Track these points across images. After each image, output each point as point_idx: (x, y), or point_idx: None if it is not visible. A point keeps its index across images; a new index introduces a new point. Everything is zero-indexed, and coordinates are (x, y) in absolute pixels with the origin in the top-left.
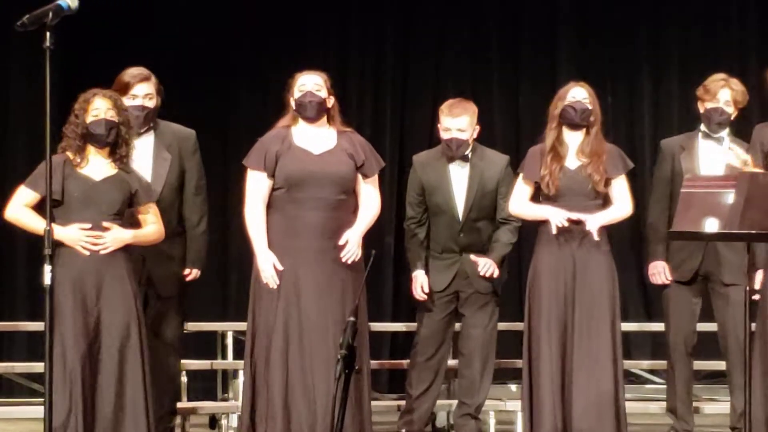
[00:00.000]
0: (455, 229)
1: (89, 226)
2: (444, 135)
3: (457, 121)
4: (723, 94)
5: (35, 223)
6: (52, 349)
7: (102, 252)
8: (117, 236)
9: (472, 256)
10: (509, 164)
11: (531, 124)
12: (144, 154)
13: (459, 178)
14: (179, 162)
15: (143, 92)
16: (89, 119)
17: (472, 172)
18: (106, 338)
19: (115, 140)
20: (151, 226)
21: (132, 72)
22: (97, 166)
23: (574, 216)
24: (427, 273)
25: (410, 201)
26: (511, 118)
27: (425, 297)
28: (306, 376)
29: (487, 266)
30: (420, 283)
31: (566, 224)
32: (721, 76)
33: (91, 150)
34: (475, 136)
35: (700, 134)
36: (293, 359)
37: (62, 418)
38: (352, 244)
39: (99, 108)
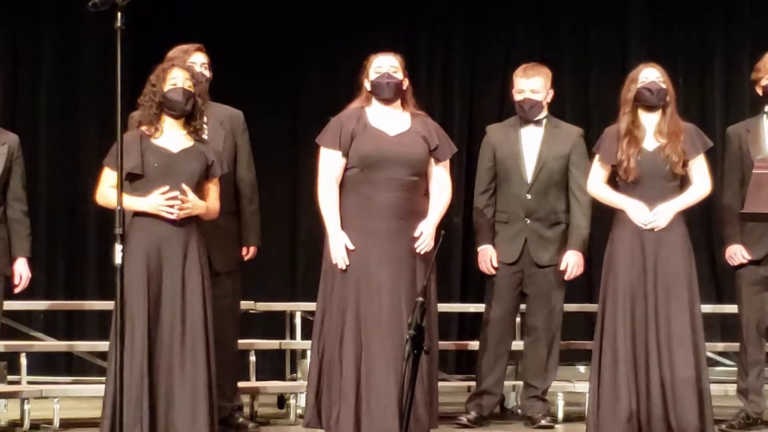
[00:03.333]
0: (523, 193)
1: (167, 187)
2: (517, 97)
3: (531, 81)
4: None
5: (126, 202)
6: (123, 329)
7: (182, 215)
8: (197, 201)
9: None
10: (582, 136)
11: (601, 109)
12: None
13: (530, 142)
14: (232, 138)
15: (200, 61)
16: (167, 87)
17: (545, 135)
18: (172, 311)
19: (191, 111)
20: (214, 202)
21: (184, 45)
22: (173, 138)
23: (654, 211)
24: (495, 247)
25: (480, 171)
26: (582, 102)
27: (493, 271)
28: (378, 356)
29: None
30: (489, 256)
31: (645, 226)
32: None
33: (167, 121)
34: (549, 99)
35: (764, 116)
36: (365, 339)
37: (130, 396)
38: (426, 235)
39: (177, 77)
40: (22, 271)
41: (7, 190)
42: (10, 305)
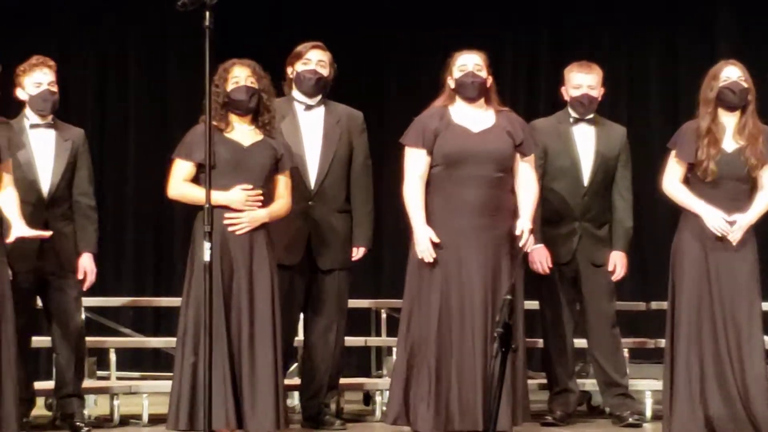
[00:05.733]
0: (579, 192)
1: (251, 186)
2: (574, 93)
3: (589, 77)
4: None
5: (199, 195)
6: (212, 326)
7: (238, 233)
8: (254, 216)
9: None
10: (626, 135)
11: (689, 110)
12: (315, 127)
13: (584, 141)
14: (348, 137)
15: (316, 58)
16: (230, 87)
17: (599, 134)
18: (239, 305)
19: (256, 107)
20: (281, 200)
21: (306, 43)
22: (242, 133)
23: (730, 218)
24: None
25: None
26: (669, 103)
27: (548, 271)
28: (467, 353)
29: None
30: (544, 256)
31: (722, 233)
32: None
33: (235, 118)
34: (599, 99)
35: None
36: (453, 336)
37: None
38: (526, 233)
39: (239, 76)
40: (86, 266)
41: (72, 186)
42: (99, 302)
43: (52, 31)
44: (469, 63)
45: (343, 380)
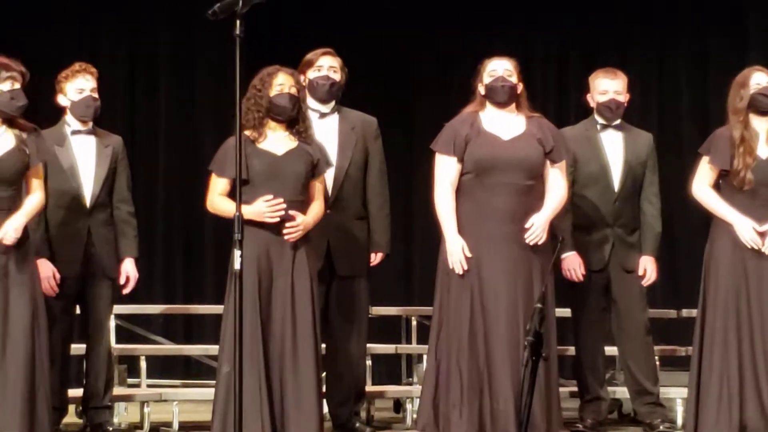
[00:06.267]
0: (610, 199)
1: (272, 196)
2: (600, 98)
3: (616, 83)
4: None
5: (230, 209)
6: (242, 333)
7: (295, 237)
8: (306, 220)
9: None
10: (653, 140)
11: (719, 116)
12: (330, 135)
13: (613, 147)
14: (363, 143)
15: (327, 64)
16: (273, 93)
17: (627, 140)
18: (282, 314)
19: (296, 115)
20: (317, 203)
21: (318, 50)
22: (276, 141)
23: (761, 228)
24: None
25: None
26: (699, 109)
27: (581, 278)
28: (497, 361)
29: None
30: (577, 263)
31: (754, 245)
32: None
33: (270, 125)
34: (625, 105)
35: None
36: (484, 344)
37: (250, 398)
38: (536, 227)
39: (283, 83)
40: (129, 271)
41: (113, 192)
42: (129, 309)
43: (83, 36)
44: (499, 68)
45: (373, 388)
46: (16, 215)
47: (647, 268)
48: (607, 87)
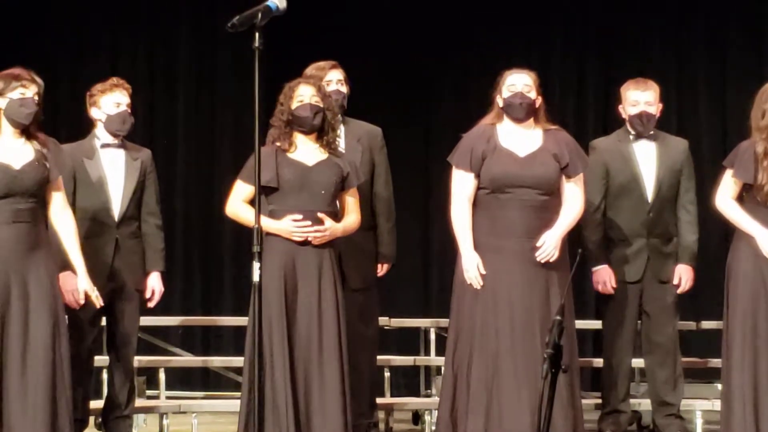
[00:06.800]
0: (643, 209)
1: (300, 216)
2: (632, 110)
3: (647, 94)
4: None
5: (251, 217)
6: (261, 345)
7: (320, 242)
8: (334, 229)
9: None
10: (688, 148)
11: (738, 124)
12: None
13: (645, 157)
14: (369, 155)
15: (336, 77)
16: (294, 105)
17: (660, 149)
18: (308, 325)
19: (321, 125)
20: (352, 215)
21: (321, 63)
22: (307, 152)
23: None
24: (610, 265)
25: (591, 188)
26: (718, 118)
27: (612, 291)
28: (509, 374)
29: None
30: (609, 275)
31: None
32: None
33: (299, 137)
34: (658, 115)
35: None
36: (497, 358)
37: (273, 409)
38: (548, 245)
39: (303, 94)
40: (155, 285)
41: (141, 205)
42: (149, 321)
43: (102, 45)
44: (518, 83)
45: (392, 399)
46: (80, 263)
47: (682, 276)
48: (638, 98)
